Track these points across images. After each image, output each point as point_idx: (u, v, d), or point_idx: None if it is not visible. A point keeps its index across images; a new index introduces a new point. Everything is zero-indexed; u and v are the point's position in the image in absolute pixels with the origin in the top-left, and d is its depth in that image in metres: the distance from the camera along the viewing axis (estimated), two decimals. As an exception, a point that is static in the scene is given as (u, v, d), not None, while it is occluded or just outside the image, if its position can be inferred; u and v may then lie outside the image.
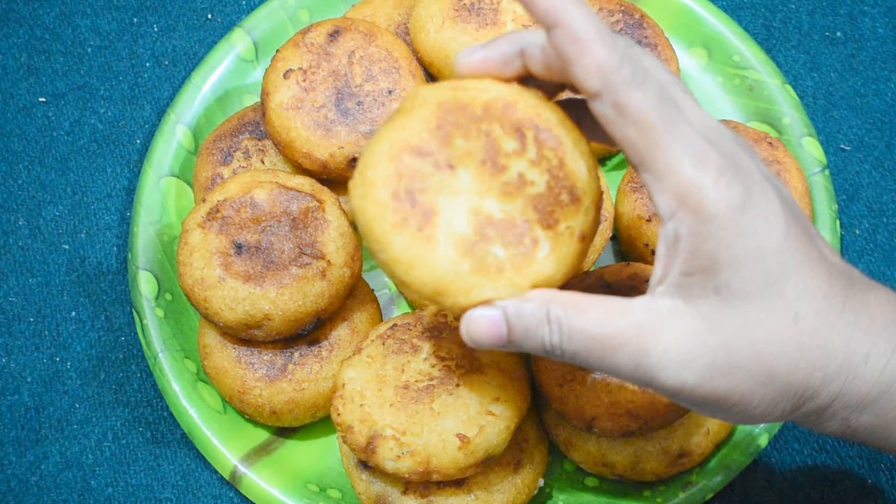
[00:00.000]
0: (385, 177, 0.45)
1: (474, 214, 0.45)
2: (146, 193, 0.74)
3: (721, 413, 0.47)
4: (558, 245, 0.46)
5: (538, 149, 0.46)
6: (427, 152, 0.46)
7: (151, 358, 0.70)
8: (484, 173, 0.46)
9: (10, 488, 0.70)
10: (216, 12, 0.84)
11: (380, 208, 0.45)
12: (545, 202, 0.46)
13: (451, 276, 0.45)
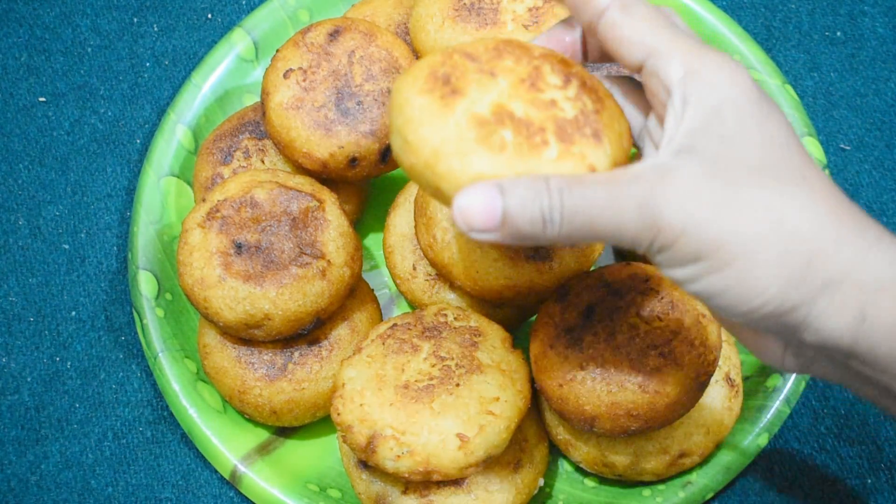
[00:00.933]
0: (430, 62, 0.47)
1: (497, 106, 0.46)
2: (146, 193, 0.74)
3: (722, 281, 0.44)
4: (566, 159, 0.46)
5: (579, 92, 0.47)
6: (476, 58, 0.47)
7: (151, 358, 0.70)
8: (521, 87, 0.47)
9: (10, 488, 0.70)
10: (216, 12, 0.84)
11: (413, 79, 0.46)
12: (568, 125, 0.46)
13: (455, 139, 0.45)
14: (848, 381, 0.48)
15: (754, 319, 0.45)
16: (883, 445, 0.69)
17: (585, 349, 0.61)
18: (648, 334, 0.61)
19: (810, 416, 0.71)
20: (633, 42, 0.47)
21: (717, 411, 0.66)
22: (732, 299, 0.45)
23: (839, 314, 0.44)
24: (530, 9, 0.68)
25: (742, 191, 0.44)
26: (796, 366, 0.49)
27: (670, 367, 0.60)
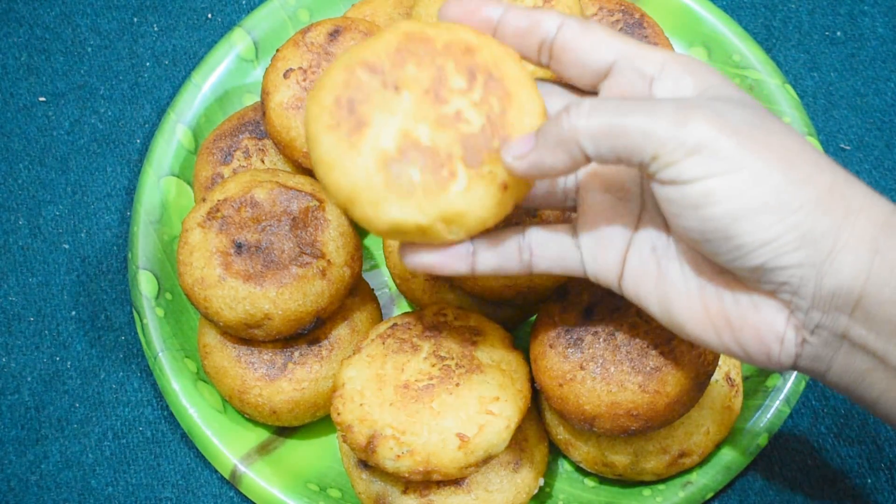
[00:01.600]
0: (334, 83, 0.47)
1: (403, 135, 0.47)
2: (146, 193, 0.74)
3: (756, 187, 0.44)
4: (476, 185, 0.47)
5: (484, 93, 0.47)
6: (378, 70, 0.47)
7: (151, 357, 0.70)
8: (425, 101, 0.47)
9: (10, 488, 0.70)
10: (216, 12, 0.84)
11: (320, 110, 0.47)
12: (475, 143, 0.47)
13: (364, 185, 0.46)
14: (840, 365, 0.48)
15: (780, 250, 0.45)
16: (883, 445, 0.70)
17: (585, 349, 0.61)
18: (648, 334, 0.61)
19: (810, 415, 0.71)
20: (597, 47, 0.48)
21: (717, 411, 0.66)
22: (765, 219, 0.44)
23: (857, 248, 0.45)
24: (530, 8, 0.68)
25: (763, 130, 0.45)
26: (794, 344, 0.48)
27: (670, 366, 0.60)
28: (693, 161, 0.44)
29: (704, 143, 0.44)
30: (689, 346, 0.60)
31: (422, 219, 0.47)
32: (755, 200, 0.44)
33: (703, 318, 0.49)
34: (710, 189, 0.44)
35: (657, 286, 0.50)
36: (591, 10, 0.75)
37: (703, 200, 0.44)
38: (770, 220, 0.44)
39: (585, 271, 0.52)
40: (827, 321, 0.46)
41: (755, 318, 0.48)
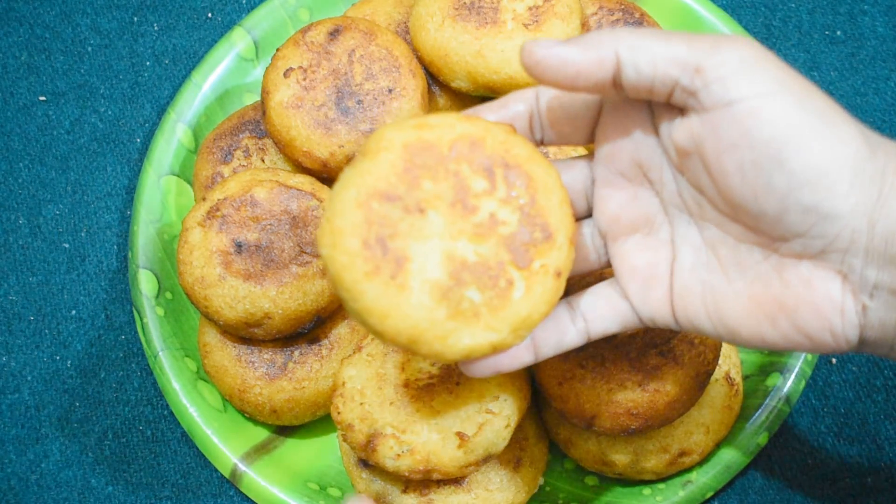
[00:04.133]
0: (354, 224, 0.44)
1: (448, 259, 0.44)
2: (146, 192, 0.74)
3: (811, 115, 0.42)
4: (533, 284, 0.46)
5: (508, 187, 0.46)
6: (395, 197, 0.44)
7: (151, 356, 0.70)
8: (455, 215, 0.45)
9: (10, 487, 0.70)
10: (216, 11, 0.84)
11: (350, 257, 0.44)
12: (518, 241, 0.46)
13: (427, 324, 0.44)
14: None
15: (833, 189, 0.43)
16: (883, 444, 0.70)
17: (585, 348, 0.61)
18: (648, 333, 0.61)
19: (810, 415, 0.71)
20: (665, 59, 0.45)
21: (717, 410, 0.66)
22: (815, 145, 0.42)
23: None
24: (530, 8, 0.68)
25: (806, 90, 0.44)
26: (855, 313, 0.45)
27: (670, 365, 0.60)
28: (739, 77, 0.42)
29: (750, 61, 0.43)
30: (689, 345, 0.60)
31: (494, 337, 0.45)
32: (805, 124, 0.42)
33: (756, 314, 0.47)
34: (758, 107, 0.42)
35: (704, 301, 0.48)
36: (591, 10, 0.75)
37: (751, 121, 0.42)
38: (821, 147, 0.42)
39: (641, 318, 0.51)
40: (884, 278, 0.44)
41: (809, 294, 0.45)
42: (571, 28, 0.69)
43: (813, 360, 0.69)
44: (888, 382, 0.71)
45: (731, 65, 0.43)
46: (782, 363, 0.69)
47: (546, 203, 0.46)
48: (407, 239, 0.44)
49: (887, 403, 0.71)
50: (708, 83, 0.43)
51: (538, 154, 0.48)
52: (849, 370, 0.72)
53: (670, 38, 0.44)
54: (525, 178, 0.46)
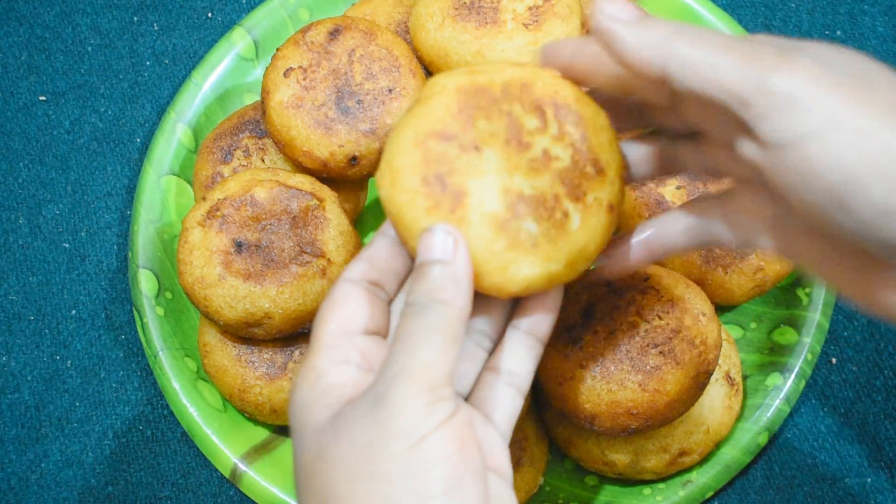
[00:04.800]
0: (413, 163, 0.45)
1: (504, 192, 0.45)
2: (146, 192, 0.74)
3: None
4: (588, 216, 0.46)
5: (559, 125, 0.47)
6: (451, 136, 0.46)
7: (151, 356, 0.70)
8: (509, 152, 0.46)
9: (10, 486, 0.70)
10: (216, 11, 0.84)
11: (411, 195, 0.45)
12: (571, 176, 0.46)
13: (487, 255, 0.45)
14: None
15: None
16: (883, 444, 0.70)
17: (585, 348, 0.61)
18: (648, 333, 0.61)
19: (810, 414, 0.71)
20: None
21: (717, 410, 0.66)
22: (880, 186, 0.39)
23: None
24: (530, 7, 0.68)
25: (868, 81, 0.40)
26: None
27: (670, 365, 0.60)
28: (789, 116, 0.39)
29: (803, 92, 0.39)
30: (689, 345, 0.60)
31: (554, 267, 0.46)
32: (862, 164, 0.39)
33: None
34: (811, 154, 0.39)
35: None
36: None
37: (805, 168, 0.39)
38: (881, 189, 0.39)
39: None
40: None
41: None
42: (571, 28, 0.69)
43: (813, 359, 0.69)
44: (888, 382, 0.71)
45: (779, 99, 0.39)
46: (782, 363, 0.69)
47: (596, 140, 0.47)
48: (464, 175, 0.45)
49: (887, 403, 0.71)
50: (756, 121, 0.40)
51: (586, 96, 0.49)
52: (849, 370, 0.72)
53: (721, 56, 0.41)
54: (575, 117, 0.47)
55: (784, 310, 0.71)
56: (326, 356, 0.45)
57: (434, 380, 0.42)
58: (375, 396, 0.42)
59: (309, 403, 0.44)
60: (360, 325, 0.46)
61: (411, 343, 0.43)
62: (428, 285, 0.44)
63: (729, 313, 0.72)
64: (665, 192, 0.69)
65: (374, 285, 0.47)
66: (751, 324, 0.72)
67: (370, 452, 0.41)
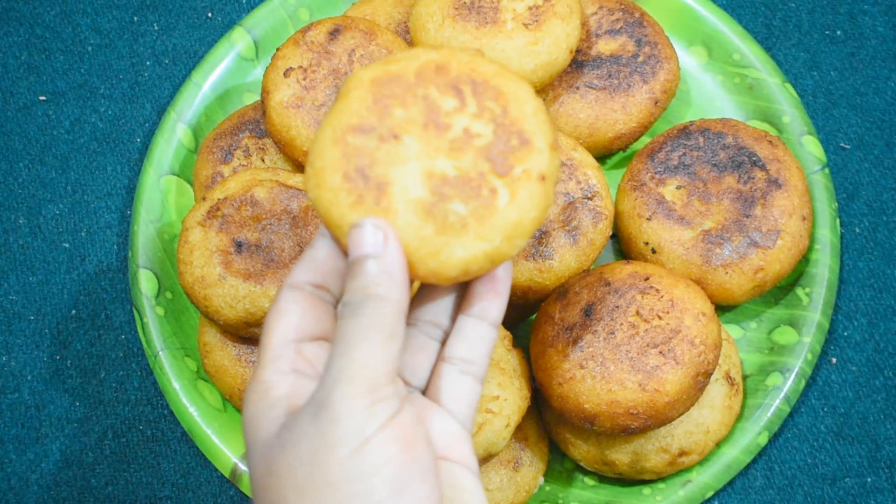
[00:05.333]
0: (333, 161, 0.45)
1: (427, 177, 0.45)
2: (146, 192, 0.74)
3: None
4: (518, 189, 0.45)
5: (478, 101, 0.46)
6: (369, 128, 0.45)
7: (152, 356, 0.70)
8: (429, 135, 0.45)
9: (10, 486, 0.70)
10: (216, 11, 0.84)
11: (334, 192, 0.45)
12: (496, 150, 0.46)
13: (418, 242, 0.44)
14: None
15: None
16: (882, 444, 0.70)
17: (585, 348, 0.61)
18: (648, 333, 0.61)
19: (810, 414, 0.71)
20: None
21: (717, 410, 0.66)
22: None
23: None
24: (530, 7, 0.68)
25: None
26: None
27: (670, 365, 0.60)
28: None
29: None
30: (689, 345, 0.60)
31: (488, 246, 0.45)
32: None
33: None
34: None
35: None
36: (591, 10, 0.75)
37: None
38: None
39: None
40: None
41: None
42: (571, 27, 0.69)
43: (813, 359, 0.69)
44: (888, 382, 0.71)
45: None
46: (782, 363, 0.69)
47: (518, 112, 0.46)
48: (385, 165, 0.45)
49: (887, 403, 0.71)
50: None
51: (506, 70, 0.48)
52: (849, 370, 0.72)
53: None
54: (494, 91, 0.46)
55: (784, 310, 0.71)
56: (273, 368, 0.44)
57: (373, 380, 0.41)
58: (316, 403, 0.42)
59: (258, 417, 0.43)
60: (305, 331, 0.45)
61: (348, 344, 0.42)
62: (361, 282, 0.43)
63: (729, 313, 0.72)
64: (665, 192, 0.69)
65: (319, 288, 0.46)
66: (751, 324, 0.72)
67: (315, 462, 0.41)
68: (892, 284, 0.74)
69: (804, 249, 0.69)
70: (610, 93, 0.72)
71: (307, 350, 0.45)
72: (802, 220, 0.68)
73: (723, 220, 0.68)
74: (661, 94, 0.73)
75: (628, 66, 0.73)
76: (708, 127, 0.71)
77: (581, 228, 0.66)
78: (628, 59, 0.73)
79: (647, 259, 0.69)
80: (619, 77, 0.73)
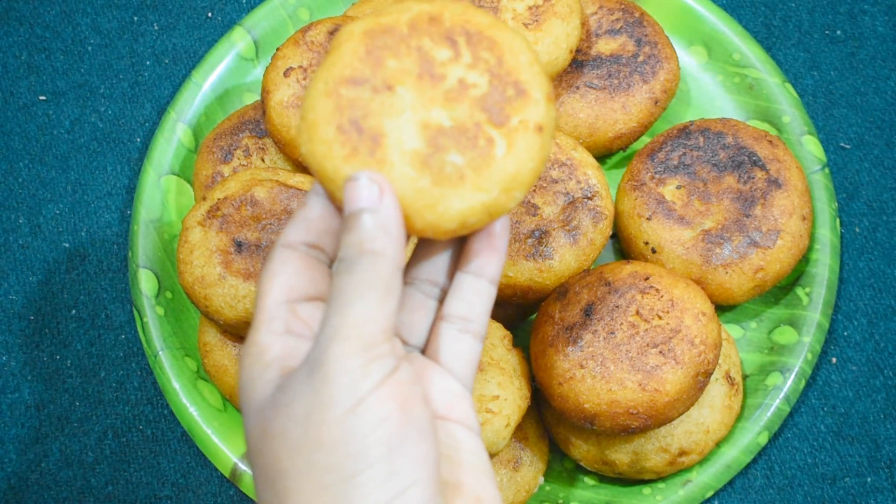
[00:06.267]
0: (326, 113, 0.44)
1: (423, 128, 0.44)
2: (146, 191, 0.74)
3: None
4: (515, 139, 0.45)
5: (473, 52, 0.45)
6: (362, 80, 0.44)
7: (152, 356, 0.70)
8: (423, 86, 0.44)
9: (10, 486, 0.70)
10: (216, 11, 0.84)
11: (327, 145, 0.43)
12: (492, 101, 0.45)
13: (414, 193, 0.43)
14: None
15: None
16: (882, 444, 0.70)
17: (585, 347, 0.61)
18: (648, 332, 0.61)
19: (810, 414, 0.71)
20: None
21: (717, 410, 0.66)
22: None
23: None
24: (530, 7, 0.68)
25: None
26: None
27: (670, 365, 0.60)
28: None
29: None
30: (689, 345, 0.60)
31: (486, 197, 0.44)
32: None
33: None
34: None
35: None
36: (591, 10, 0.75)
37: None
38: None
39: None
40: None
41: None
42: (571, 27, 0.69)
43: (813, 359, 0.69)
44: (888, 382, 0.71)
45: None
46: (782, 363, 0.69)
47: (514, 62, 0.46)
48: (380, 116, 0.44)
49: (887, 403, 0.71)
50: None
51: (500, 21, 0.47)
52: (849, 370, 0.72)
53: None
54: (489, 42, 0.46)
55: (784, 310, 0.71)
56: (267, 329, 0.43)
57: (369, 337, 0.40)
58: (311, 363, 0.41)
59: (253, 380, 0.43)
60: (299, 292, 0.44)
61: (342, 301, 0.41)
62: (356, 237, 0.42)
63: (729, 313, 0.72)
64: (665, 192, 0.69)
65: (313, 248, 0.45)
66: (751, 324, 0.72)
67: (309, 422, 0.40)
68: (892, 284, 0.74)
69: (804, 249, 0.69)
70: (610, 93, 0.72)
71: (302, 310, 0.44)
72: (802, 219, 0.68)
73: (723, 220, 0.68)
74: (661, 93, 0.73)
75: (628, 65, 0.73)
76: (708, 127, 0.71)
77: (581, 228, 0.66)
78: (628, 59, 0.73)
79: (647, 259, 0.69)
80: (619, 77, 0.73)
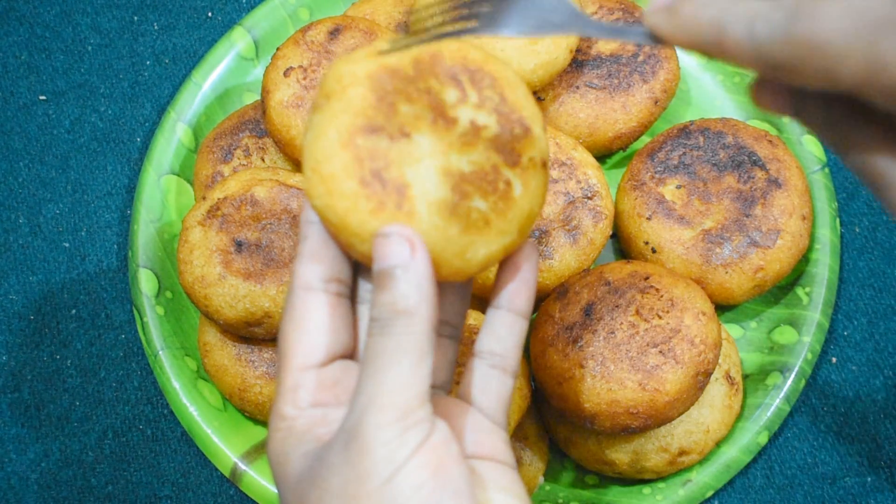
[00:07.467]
0: (345, 165, 0.42)
1: (445, 175, 0.43)
2: (146, 191, 0.74)
3: None
4: (528, 179, 0.45)
5: (478, 91, 0.45)
6: (378, 128, 0.43)
7: (152, 356, 0.70)
8: (439, 131, 0.44)
9: (10, 486, 0.70)
10: (216, 10, 0.84)
11: (351, 200, 0.42)
12: (502, 141, 0.45)
13: (444, 243, 0.43)
14: None
15: None
16: (883, 443, 0.70)
17: (585, 347, 0.61)
18: (648, 332, 0.61)
19: (810, 414, 0.71)
20: None
21: (717, 409, 0.66)
22: None
23: None
24: (530, 7, 0.68)
25: None
26: None
27: (670, 365, 0.60)
28: None
29: None
30: (689, 345, 0.60)
31: (507, 239, 0.44)
32: None
33: None
34: None
35: None
36: (592, 9, 0.75)
37: None
38: None
39: None
40: None
41: None
42: (571, 27, 0.69)
43: (813, 359, 0.69)
44: (888, 382, 0.71)
45: None
46: (782, 362, 0.69)
47: (514, 98, 0.46)
48: (401, 166, 0.43)
49: (887, 403, 0.71)
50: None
51: (490, 54, 0.47)
52: (849, 370, 0.72)
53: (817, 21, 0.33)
54: (489, 79, 0.46)
55: (784, 309, 0.71)
56: (293, 401, 0.43)
57: (405, 405, 0.40)
58: (347, 433, 0.41)
59: (286, 453, 0.43)
60: (325, 352, 0.44)
61: (378, 366, 0.41)
62: (390, 296, 0.41)
63: (729, 313, 0.72)
64: (665, 191, 0.69)
65: (331, 282, 0.44)
66: (751, 323, 0.72)
67: (346, 494, 0.40)
68: (892, 284, 0.74)
69: (804, 249, 0.69)
70: (610, 92, 0.72)
71: (326, 375, 0.43)
72: (802, 219, 0.68)
73: (723, 220, 0.68)
74: (660, 93, 0.73)
75: (628, 65, 0.73)
76: (708, 126, 0.71)
77: (581, 228, 0.66)
78: (628, 59, 0.73)
79: (647, 259, 0.69)
80: (619, 76, 0.73)
